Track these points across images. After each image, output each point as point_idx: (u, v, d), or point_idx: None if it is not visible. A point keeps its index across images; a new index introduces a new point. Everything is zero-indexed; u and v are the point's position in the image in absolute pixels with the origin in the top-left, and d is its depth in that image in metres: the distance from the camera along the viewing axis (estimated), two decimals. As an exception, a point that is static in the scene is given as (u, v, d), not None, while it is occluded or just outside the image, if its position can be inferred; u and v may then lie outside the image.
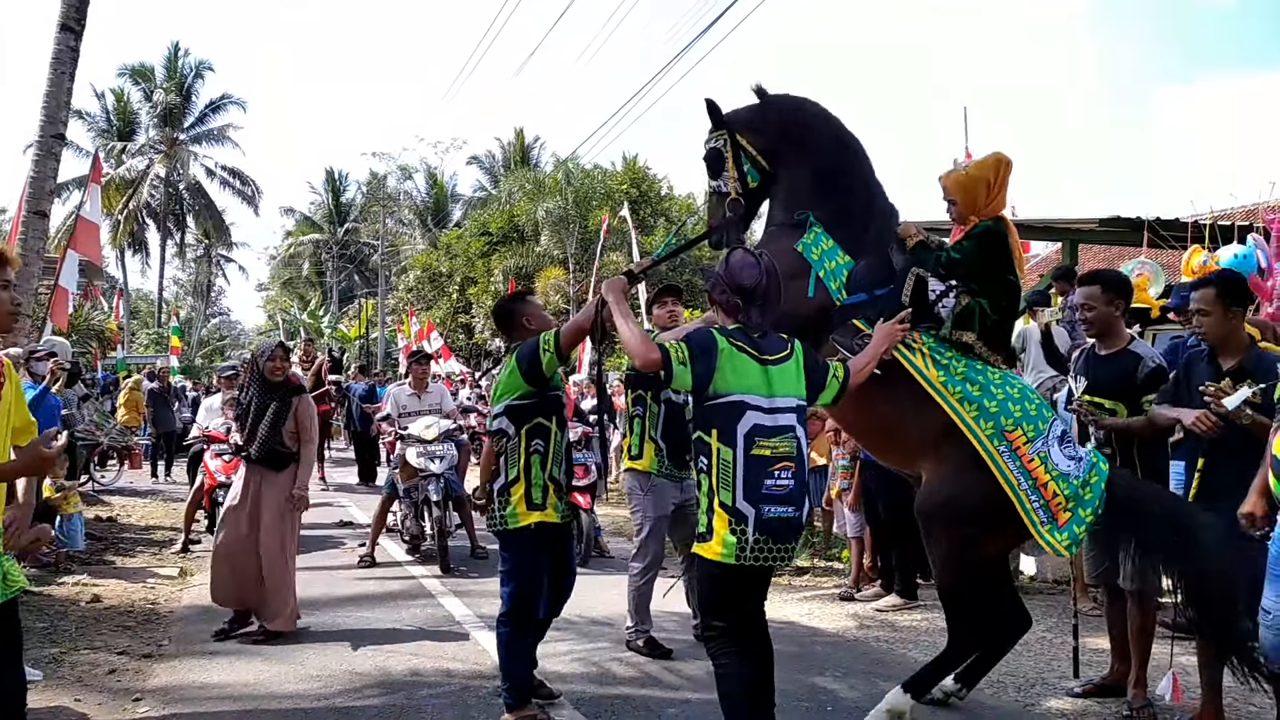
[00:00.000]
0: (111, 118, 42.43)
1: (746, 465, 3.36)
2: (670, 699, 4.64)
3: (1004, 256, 4.28)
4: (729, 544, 3.36)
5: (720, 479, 3.39)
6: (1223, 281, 4.18)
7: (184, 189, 43.34)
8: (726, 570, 3.43)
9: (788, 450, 3.42)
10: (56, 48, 10.06)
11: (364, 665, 5.22)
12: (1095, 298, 4.53)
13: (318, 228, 46.83)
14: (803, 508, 3.47)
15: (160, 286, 46.02)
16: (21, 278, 9.86)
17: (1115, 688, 4.58)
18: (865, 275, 4.26)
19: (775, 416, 3.43)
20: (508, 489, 4.17)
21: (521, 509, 4.14)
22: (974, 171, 4.37)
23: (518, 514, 4.14)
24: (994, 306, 4.23)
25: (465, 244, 31.24)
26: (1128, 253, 14.36)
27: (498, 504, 4.20)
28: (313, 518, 10.68)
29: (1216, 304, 4.04)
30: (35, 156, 10.17)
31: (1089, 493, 3.96)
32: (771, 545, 3.39)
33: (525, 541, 4.17)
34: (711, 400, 3.43)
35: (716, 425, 3.41)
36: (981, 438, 3.95)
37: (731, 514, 3.37)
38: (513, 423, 4.17)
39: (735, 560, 3.38)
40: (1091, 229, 10.51)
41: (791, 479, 3.41)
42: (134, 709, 4.53)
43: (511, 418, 4.18)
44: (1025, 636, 5.69)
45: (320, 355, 15.20)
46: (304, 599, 6.81)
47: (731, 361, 3.44)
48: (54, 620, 6.14)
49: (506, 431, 4.18)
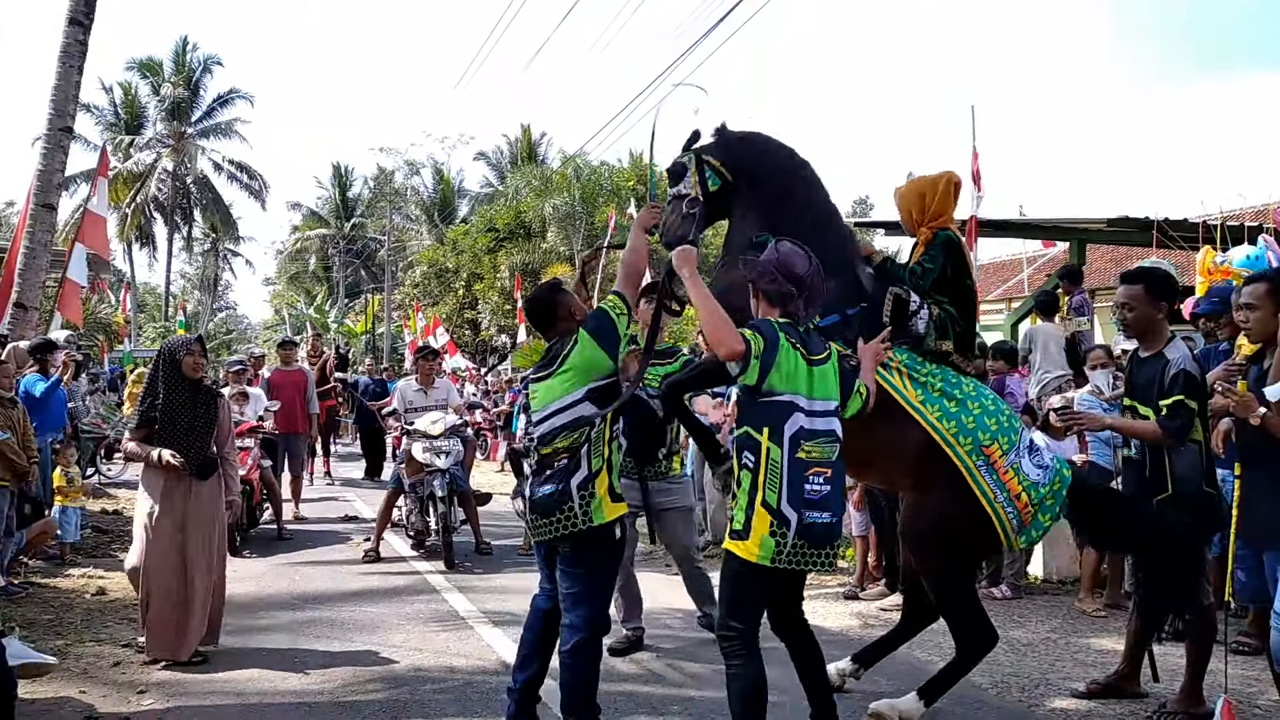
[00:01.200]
0: (119, 111, 42.51)
1: (790, 467, 3.36)
2: (675, 696, 4.64)
3: (964, 264, 4.44)
4: (767, 546, 3.35)
5: (768, 478, 3.37)
6: (1278, 277, 4.10)
7: (191, 183, 43.44)
8: (758, 572, 3.41)
9: (827, 455, 3.43)
10: (65, 41, 10.10)
11: (368, 659, 5.23)
12: (1138, 298, 4.26)
13: (324, 222, 46.94)
14: (840, 514, 3.48)
15: (167, 280, 46.14)
16: (29, 271, 9.93)
17: (1118, 688, 4.56)
18: (836, 296, 4.16)
19: (815, 420, 3.43)
20: (591, 482, 3.74)
21: (607, 502, 3.77)
22: (914, 185, 4.43)
23: (603, 509, 3.75)
24: (961, 313, 4.33)
25: (472, 240, 31.27)
26: (1135, 253, 14.36)
27: (578, 500, 3.71)
28: (318, 512, 10.75)
29: (1267, 300, 3.95)
30: (43, 150, 10.21)
31: (1052, 500, 4.04)
32: (808, 550, 3.39)
33: (608, 538, 3.81)
34: (765, 397, 3.40)
35: (768, 424, 3.39)
36: (962, 454, 3.97)
37: (775, 516, 3.35)
38: (598, 407, 3.76)
39: (770, 563, 3.36)
40: (1100, 229, 10.49)
41: (828, 484, 3.41)
42: (138, 701, 4.54)
43: (597, 401, 3.77)
44: (1029, 637, 5.73)
45: (327, 350, 15.22)
46: (308, 593, 6.85)
47: (786, 358, 3.42)
48: (60, 613, 6.16)
49: (590, 419, 3.75)
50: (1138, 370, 4.37)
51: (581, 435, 3.74)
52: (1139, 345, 4.41)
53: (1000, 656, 5.33)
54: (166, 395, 5.14)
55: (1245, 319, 4.04)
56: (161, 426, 5.11)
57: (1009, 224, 12.12)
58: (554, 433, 3.77)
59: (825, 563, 3.49)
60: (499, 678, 4.80)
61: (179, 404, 5.15)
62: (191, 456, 5.10)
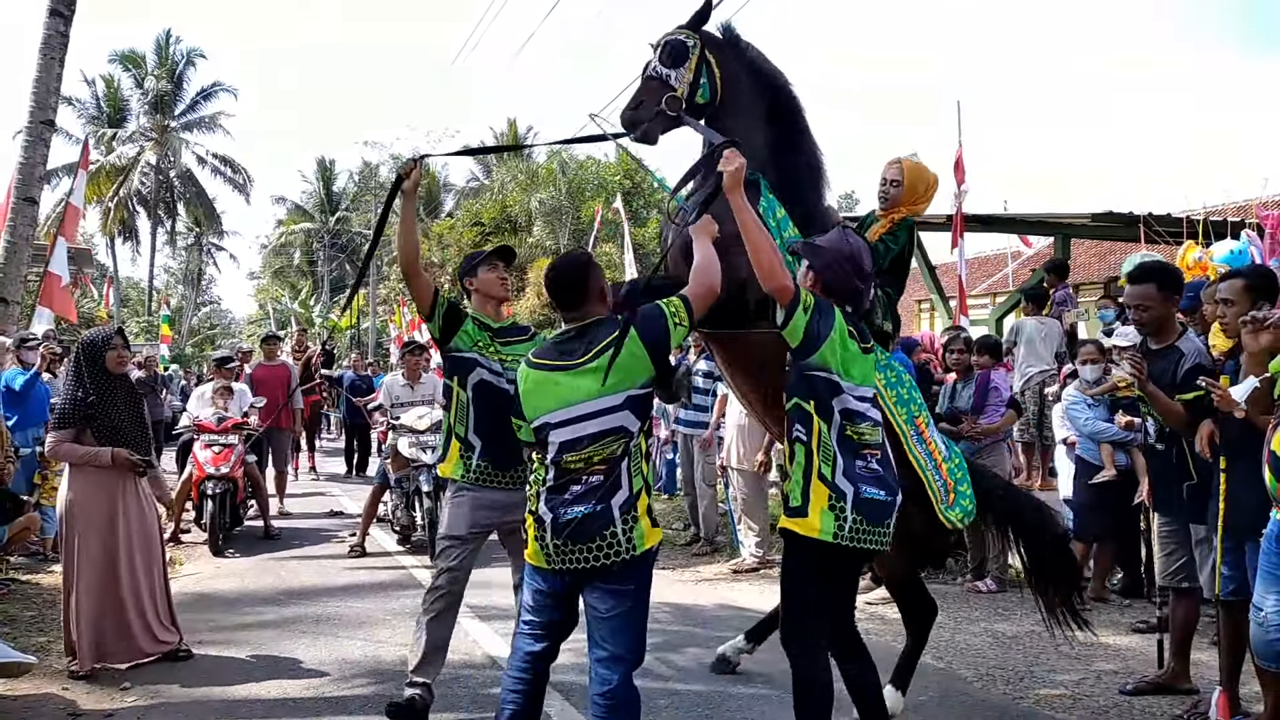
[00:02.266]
0: (102, 104, 42.12)
1: (840, 444, 3.28)
2: (661, 689, 4.64)
3: (913, 252, 4.52)
4: (827, 520, 3.21)
5: (822, 451, 3.25)
6: (1254, 274, 4.13)
7: (175, 176, 43.10)
8: (826, 550, 3.23)
9: (874, 439, 3.36)
10: (46, 32, 10.00)
11: (354, 654, 5.21)
12: (1152, 297, 4.25)
13: (309, 217, 46.67)
14: (895, 494, 3.36)
15: (150, 275, 45.77)
16: (11, 265, 9.84)
17: (1170, 687, 4.52)
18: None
19: (862, 405, 3.35)
20: (634, 503, 3.15)
21: (648, 526, 3.20)
22: (920, 171, 4.41)
23: (646, 534, 3.18)
24: (896, 295, 4.37)
25: (458, 234, 31.14)
26: (1119, 248, 14.45)
27: (620, 525, 3.11)
28: (303, 508, 10.71)
29: (1244, 295, 3.96)
30: (24, 143, 10.12)
31: (962, 474, 4.08)
32: (867, 527, 3.24)
33: (649, 567, 3.25)
34: (811, 370, 3.28)
35: (814, 398, 3.28)
36: (902, 425, 3.99)
37: (831, 489, 3.23)
38: (639, 419, 3.21)
39: (833, 539, 3.20)
40: (1084, 224, 10.54)
41: (879, 466, 3.34)
42: (121, 698, 4.51)
43: (637, 412, 3.20)
44: (1014, 630, 5.76)
45: (311, 345, 15.16)
46: (294, 589, 6.82)
47: (842, 340, 3.32)
48: (41, 609, 6.10)
49: (630, 432, 3.18)
50: (1149, 362, 4.34)
51: (619, 447, 3.15)
52: (1149, 338, 4.41)
53: (986, 650, 5.37)
54: (99, 394, 4.89)
55: (1223, 314, 4.05)
56: (100, 426, 4.87)
57: (994, 219, 12.17)
58: (583, 441, 3.14)
59: (883, 542, 3.33)
60: (485, 672, 4.79)
61: (115, 401, 4.94)
62: (142, 453, 4.98)
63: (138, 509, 5.01)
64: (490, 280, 4.30)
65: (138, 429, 5.05)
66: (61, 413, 4.95)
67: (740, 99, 4.22)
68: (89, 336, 5.16)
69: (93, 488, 4.89)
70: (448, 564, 4.10)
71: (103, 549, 4.86)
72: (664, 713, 4.34)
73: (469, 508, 4.09)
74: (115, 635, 4.89)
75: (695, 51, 4.08)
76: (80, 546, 4.84)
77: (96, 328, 6.06)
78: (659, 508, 10.80)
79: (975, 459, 6.85)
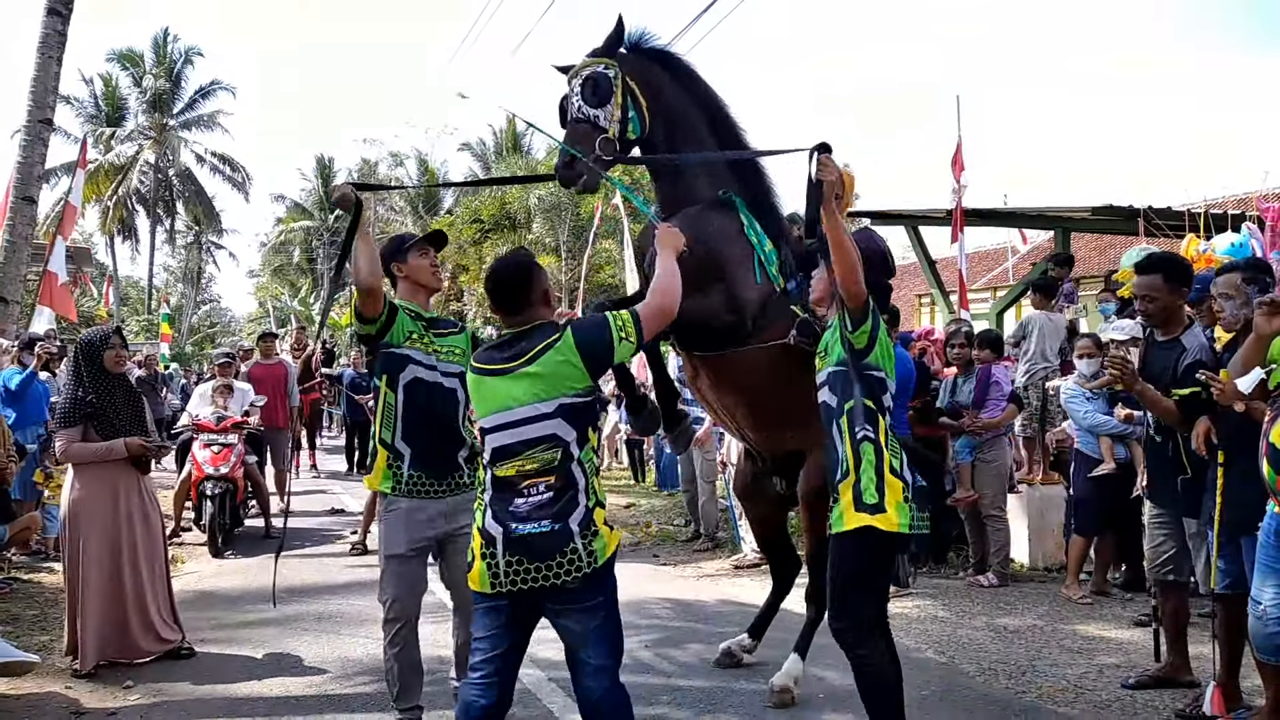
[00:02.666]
0: (100, 103, 42.06)
1: (891, 436, 3.36)
2: (663, 685, 4.64)
3: None
4: (903, 514, 3.23)
5: (889, 445, 3.31)
6: (1250, 267, 4.13)
7: (174, 175, 43.06)
8: (897, 543, 3.31)
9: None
10: (44, 31, 10.00)
11: (356, 652, 5.21)
12: (1158, 288, 4.25)
13: (308, 214, 46.60)
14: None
15: (150, 273, 45.74)
16: (10, 264, 9.84)
17: (1171, 680, 4.53)
18: (792, 263, 4.22)
19: (891, 400, 3.45)
20: (591, 518, 2.98)
21: (608, 533, 3.04)
22: (849, 176, 4.47)
23: (607, 541, 3.02)
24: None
25: (457, 231, 31.08)
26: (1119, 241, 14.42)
27: (581, 542, 2.94)
28: (305, 505, 10.71)
29: (1241, 289, 3.96)
30: (23, 142, 10.12)
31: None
32: (921, 514, 3.32)
33: (612, 571, 3.08)
34: (870, 370, 3.34)
35: (871, 396, 3.33)
36: None
37: (903, 481, 3.28)
38: (575, 428, 3.01)
39: (909, 530, 3.26)
40: (1084, 217, 10.52)
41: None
42: (124, 696, 4.51)
43: (572, 421, 3.01)
44: (1016, 624, 5.76)
45: (311, 344, 15.14)
46: (296, 586, 6.81)
47: (884, 338, 3.40)
48: (44, 608, 6.11)
49: (563, 440, 2.98)
50: (1154, 354, 4.37)
51: (554, 456, 2.97)
52: (1156, 330, 4.41)
53: (987, 644, 5.37)
54: (100, 393, 4.89)
55: (1220, 308, 4.05)
56: (101, 424, 4.88)
57: (994, 213, 12.16)
58: (515, 448, 3.00)
59: (927, 527, 3.39)
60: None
61: (115, 401, 4.96)
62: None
63: (141, 508, 5.02)
64: (421, 267, 3.94)
65: (139, 428, 5.04)
66: (64, 413, 4.95)
67: (678, 121, 4.07)
68: (87, 336, 5.15)
69: (98, 487, 4.89)
70: (395, 592, 3.80)
71: (108, 548, 4.87)
72: (666, 709, 4.35)
73: (405, 523, 3.75)
74: (119, 634, 4.90)
75: (618, 83, 3.90)
76: (85, 546, 4.84)
77: (94, 327, 6.04)
78: (660, 504, 10.83)
79: (976, 454, 6.90)
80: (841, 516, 3.32)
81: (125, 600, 4.90)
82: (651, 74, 4.11)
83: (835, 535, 3.37)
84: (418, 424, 3.69)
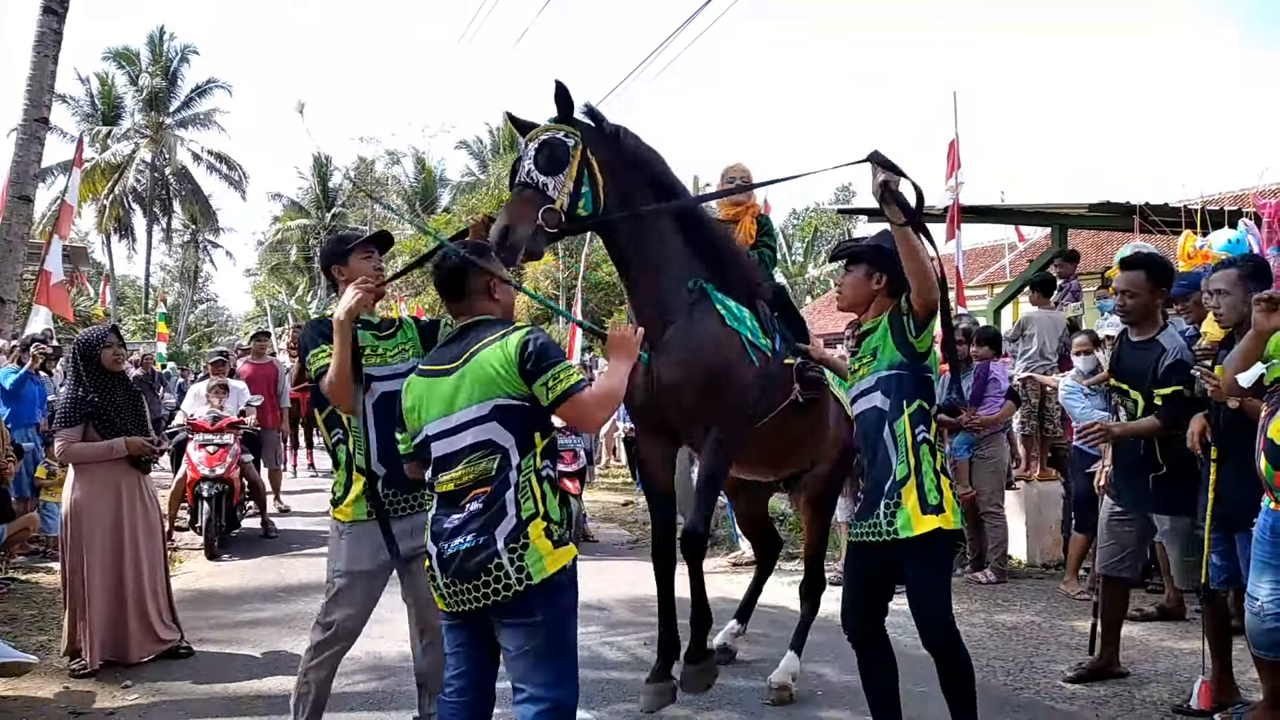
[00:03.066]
0: (96, 102, 42.00)
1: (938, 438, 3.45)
2: (661, 684, 4.64)
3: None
4: (956, 510, 3.31)
5: (941, 447, 3.40)
6: (1247, 263, 4.14)
7: (170, 174, 42.99)
8: (958, 538, 3.49)
9: None
10: (39, 30, 9.98)
11: (355, 650, 5.12)
12: (1139, 284, 4.29)
13: (305, 213, 46.56)
14: None
15: (147, 272, 45.67)
16: (6, 264, 9.83)
17: (1105, 672, 4.63)
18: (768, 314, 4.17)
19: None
20: (523, 531, 2.69)
21: (548, 549, 2.70)
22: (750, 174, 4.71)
23: (544, 559, 2.69)
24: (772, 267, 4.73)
25: (454, 230, 31.14)
26: (1116, 238, 14.43)
27: (508, 557, 2.66)
28: (303, 505, 10.69)
29: (1238, 285, 3.94)
30: (18, 141, 10.10)
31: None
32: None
33: (563, 585, 2.75)
34: (926, 373, 3.38)
35: (925, 398, 3.35)
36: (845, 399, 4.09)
37: (948, 478, 3.36)
38: (513, 433, 2.74)
39: (960, 526, 3.37)
40: (1081, 214, 10.51)
41: None
42: (123, 695, 4.51)
43: (509, 426, 2.74)
44: (1014, 621, 5.77)
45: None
46: (293, 585, 6.81)
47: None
48: (42, 608, 6.11)
49: (503, 448, 2.73)
50: (1129, 353, 4.39)
51: (491, 464, 2.71)
52: (1131, 328, 4.43)
53: (985, 640, 5.38)
54: (99, 392, 4.88)
55: (1217, 304, 4.05)
56: (102, 423, 4.87)
57: (990, 210, 12.14)
58: (456, 457, 2.75)
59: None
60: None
61: (116, 400, 4.95)
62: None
63: (141, 507, 5.02)
64: (365, 270, 3.58)
65: (138, 426, 5.04)
66: (65, 413, 4.93)
67: (635, 198, 3.77)
68: (84, 336, 5.13)
69: (98, 487, 4.89)
70: (350, 610, 3.55)
71: (109, 548, 4.87)
72: (664, 707, 4.34)
73: (370, 539, 3.46)
74: (118, 633, 4.90)
75: (576, 153, 3.59)
76: (88, 546, 4.84)
77: (91, 327, 6.03)
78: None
79: (974, 451, 6.91)
80: (909, 521, 3.23)
81: (126, 600, 4.90)
82: (611, 149, 3.75)
83: (899, 541, 3.25)
84: (390, 439, 3.20)
